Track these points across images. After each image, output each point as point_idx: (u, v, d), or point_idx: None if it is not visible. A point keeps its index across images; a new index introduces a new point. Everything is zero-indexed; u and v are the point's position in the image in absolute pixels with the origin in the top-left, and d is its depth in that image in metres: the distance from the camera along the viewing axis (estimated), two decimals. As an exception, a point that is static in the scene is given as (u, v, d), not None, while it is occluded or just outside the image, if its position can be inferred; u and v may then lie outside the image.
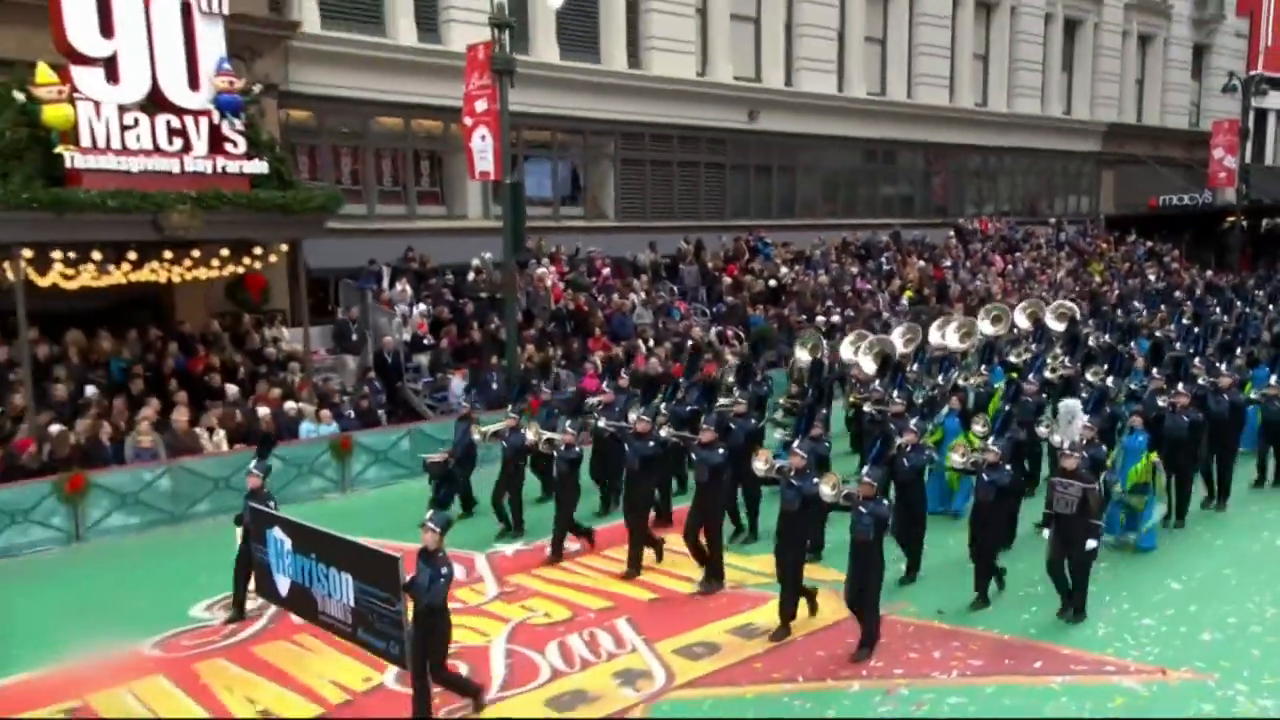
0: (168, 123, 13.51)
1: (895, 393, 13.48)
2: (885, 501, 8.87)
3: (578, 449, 11.78)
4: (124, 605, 10.41)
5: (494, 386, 17.13)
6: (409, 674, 7.55)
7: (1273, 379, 14.17)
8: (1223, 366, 14.18)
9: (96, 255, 13.87)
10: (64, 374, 14.59)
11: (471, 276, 20.85)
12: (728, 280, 24.44)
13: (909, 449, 10.82)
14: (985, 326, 19.41)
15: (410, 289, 19.66)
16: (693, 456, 11.19)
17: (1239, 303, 24.78)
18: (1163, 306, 24.81)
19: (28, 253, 13.05)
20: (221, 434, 14.12)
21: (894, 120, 31.24)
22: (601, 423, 12.79)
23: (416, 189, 22.42)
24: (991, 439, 10.58)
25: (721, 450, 10.56)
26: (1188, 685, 8.17)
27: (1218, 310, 23.17)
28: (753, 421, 12.94)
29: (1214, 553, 11.59)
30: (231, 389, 15.30)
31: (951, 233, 31.74)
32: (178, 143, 13.57)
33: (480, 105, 16.72)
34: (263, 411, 14.77)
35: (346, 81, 20.42)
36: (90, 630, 9.62)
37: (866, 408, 14.16)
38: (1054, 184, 37.42)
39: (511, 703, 8.03)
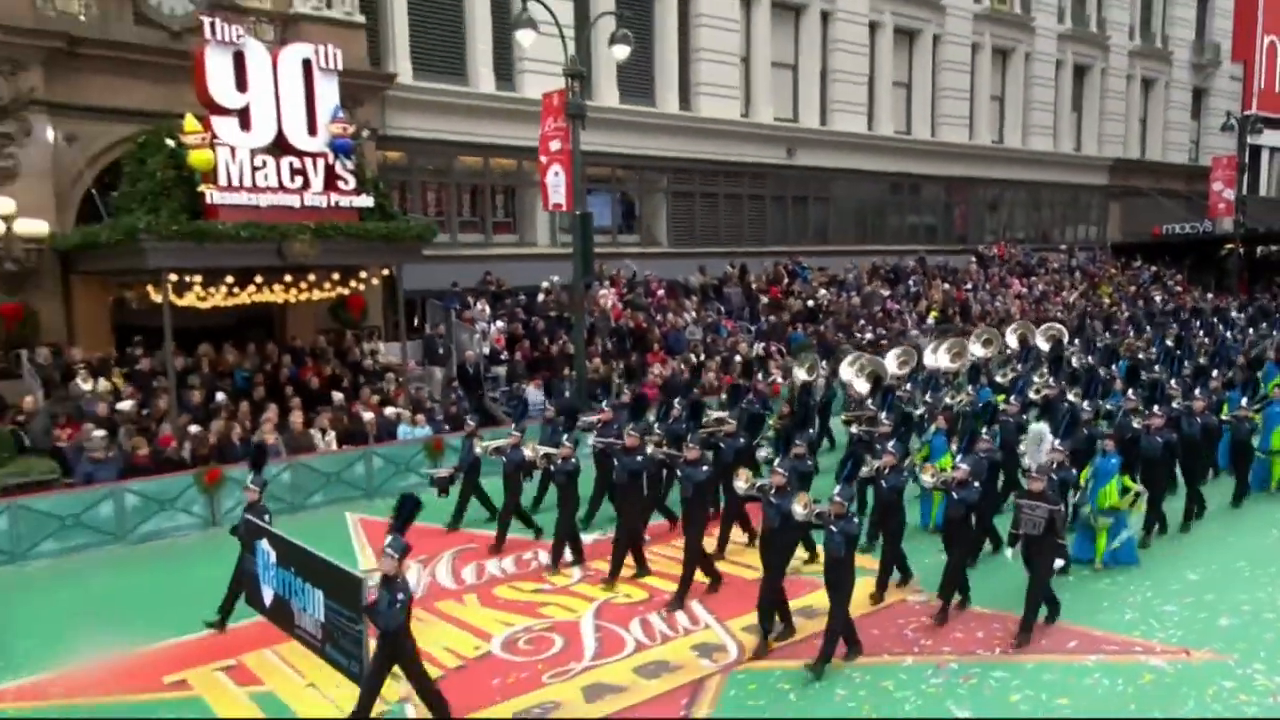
0: (290, 164, 14.07)
1: (885, 413, 13.07)
2: (856, 520, 8.42)
3: (574, 461, 11.22)
4: None
5: (565, 395, 17.65)
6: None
7: (1243, 400, 13.79)
8: (1197, 389, 13.65)
9: (229, 279, 14.61)
10: (198, 382, 15.30)
11: (541, 297, 21.42)
12: (764, 300, 24.88)
13: (887, 470, 10.05)
14: (976, 348, 18.76)
15: (488, 308, 20.27)
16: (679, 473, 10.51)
17: (1221, 326, 24.52)
18: (1148, 329, 24.67)
19: (173, 276, 13.80)
20: (331, 434, 14.77)
21: (918, 156, 31.52)
22: (591, 438, 12.28)
23: (493, 219, 23.01)
24: (959, 457, 10.10)
25: (705, 468, 10.20)
26: (1210, 664, 8.37)
27: (1201, 333, 22.87)
28: (740, 440, 12.28)
29: (1227, 547, 11.72)
30: (337, 396, 15.95)
31: (972, 258, 31.91)
32: (299, 181, 14.15)
33: (554, 145, 17.28)
34: (367, 416, 15.45)
35: (434, 125, 21.14)
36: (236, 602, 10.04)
37: (854, 428, 13.39)
38: (1065, 214, 37.43)
39: (605, 669, 8.40)
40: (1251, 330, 24.95)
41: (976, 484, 9.66)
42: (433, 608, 9.91)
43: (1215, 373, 15.73)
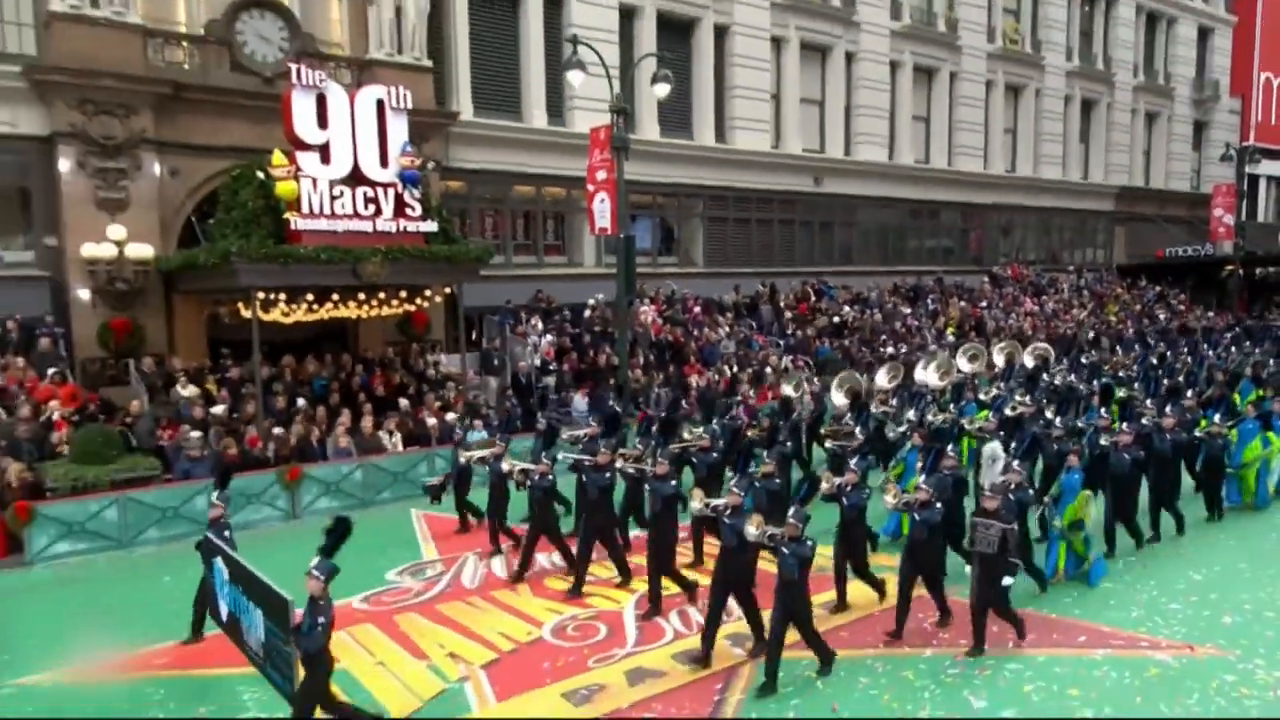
0: (364, 193, 14.29)
1: (859, 429, 12.45)
2: (809, 542, 7.66)
3: (551, 477, 10.48)
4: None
5: (609, 403, 17.68)
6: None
7: (1216, 418, 12.99)
8: (1168, 407, 12.82)
9: (309, 296, 14.85)
10: (281, 389, 15.52)
11: (588, 313, 21.49)
12: (789, 316, 24.76)
13: (848, 489, 9.29)
14: (963, 364, 17.97)
15: (540, 323, 20.39)
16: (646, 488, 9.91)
17: (1206, 345, 23.80)
18: (1136, 347, 23.92)
19: (260, 294, 14.08)
20: (398, 437, 14.94)
21: (936, 184, 31.22)
22: (560, 454, 11.28)
23: (544, 242, 23.16)
24: (923, 477, 9.34)
25: (674, 483, 9.59)
26: (1213, 660, 8.19)
27: (1185, 352, 22.14)
28: (714, 455, 11.73)
29: (1230, 549, 11.44)
30: (403, 402, 16.14)
31: (986, 278, 31.52)
32: (371, 208, 14.37)
33: (600, 174, 17.42)
34: (430, 421, 15.61)
35: (492, 158, 21.36)
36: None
37: (828, 444, 12.63)
38: (1073, 237, 36.82)
39: (646, 656, 8.39)
40: (1235, 349, 24.01)
41: (939, 504, 8.93)
42: (489, 596, 9.98)
43: (1191, 391, 14.98)
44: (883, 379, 16.77)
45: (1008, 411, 13.54)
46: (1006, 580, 8.28)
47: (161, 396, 15.07)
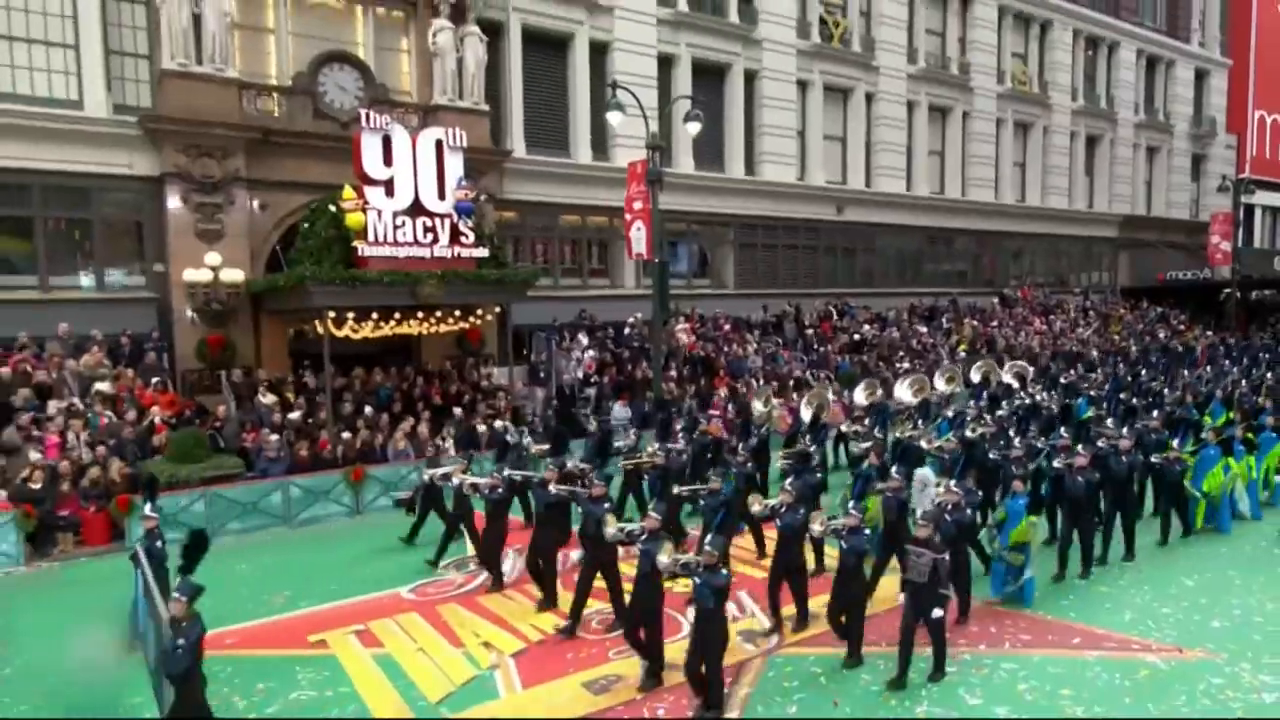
0: (423, 222, 14.36)
1: (814, 448, 11.56)
2: (724, 571, 6.90)
3: (500, 490, 9.88)
4: (390, 561, 11.04)
5: (645, 411, 17.53)
6: None
7: (1174, 442, 11.82)
8: (1125, 429, 11.77)
9: (374, 315, 14.93)
10: (350, 397, 15.67)
11: (627, 330, 21.38)
12: (812, 333, 24.35)
13: (783, 509, 8.40)
14: (940, 383, 16.73)
15: (584, 339, 20.33)
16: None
17: (1182, 367, 22.44)
18: (1120, 367, 22.51)
19: (331, 313, 14.20)
20: (450, 442, 14.91)
21: (951, 213, 30.54)
22: (506, 471, 10.24)
23: (589, 266, 23.10)
24: (852, 503, 8.63)
25: (606, 505, 8.65)
26: (1201, 662, 7.77)
27: (1160, 372, 20.79)
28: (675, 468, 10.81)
29: (1220, 557, 10.86)
30: (457, 410, 16.13)
31: (997, 299, 30.71)
32: (430, 236, 14.42)
33: (637, 204, 17.30)
34: (481, 428, 15.56)
35: (542, 190, 21.37)
36: (368, 578, 10.31)
37: (779, 462, 11.62)
38: (1079, 261, 35.67)
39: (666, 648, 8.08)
40: (1209, 367, 22.50)
41: (868, 530, 8.13)
42: (524, 589, 9.83)
43: (1157, 412, 13.71)
44: (860, 395, 15.73)
45: (967, 433, 12.32)
46: (936, 612, 7.25)
47: (247, 404, 15.27)
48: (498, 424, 15.39)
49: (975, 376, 17.33)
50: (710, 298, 24.78)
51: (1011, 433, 12.44)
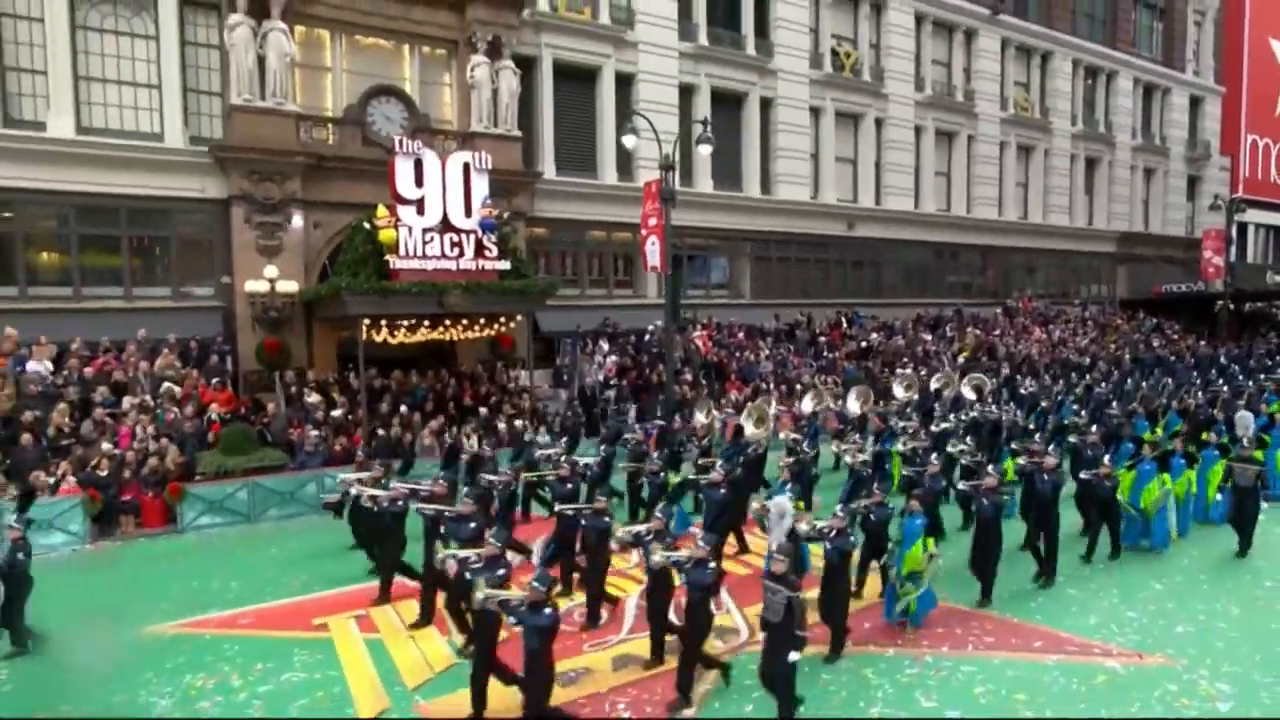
0: (450, 238, 14.09)
1: (725, 462, 10.53)
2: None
3: (401, 504, 8.87)
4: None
5: (658, 411, 17.07)
6: None
7: (1106, 458, 10.50)
8: (1052, 446, 10.69)
9: (407, 322, 14.75)
10: (388, 397, 15.56)
11: (647, 337, 20.97)
12: (823, 340, 23.59)
13: (648, 536, 7.45)
14: (898, 390, 15.44)
15: (606, 345, 19.96)
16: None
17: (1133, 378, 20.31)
18: (1088, 376, 20.56)
19: (367, 321, 14.05)
20: (475, 439, 14.64)
21: (956, 229, 29.42)
22: (415, 506, 8.67)
23: (615, 277, 22.77)
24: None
25: (473, 525, 7.77)
26: (1160, 669, 7.06)
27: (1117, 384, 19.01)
28: (569, 486, 9.83)
29: (1192, 562, 9.98)
30: (483, 410, 15.82)
31: (1000, 310, 29.46)
32: (456, 251, 14.17)
33: (651, 221, 16.84)
34: (501, 426, 15.27)
35: (570, 208, 21.09)
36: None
37: (696, 475, 10.75)
38: (1079, 275, 34.08)
39: (635, 644, 7.69)
40: (1171, 380, 20.06)
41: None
42: (518, 581, 9.39)
43: (1096, 427, 12.21)
44: (809, 405, 14.60)
45: (899, 447, 11.20)
46: (793, 655, 5.92)
47: (296, 402, 15.23)
48: (517, 423, 15.16)
49: (934, 385, 15.90)
50: (728, 307, 24.21)
51: (956, 447, 11.28)
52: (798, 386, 19.52)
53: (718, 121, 23.68)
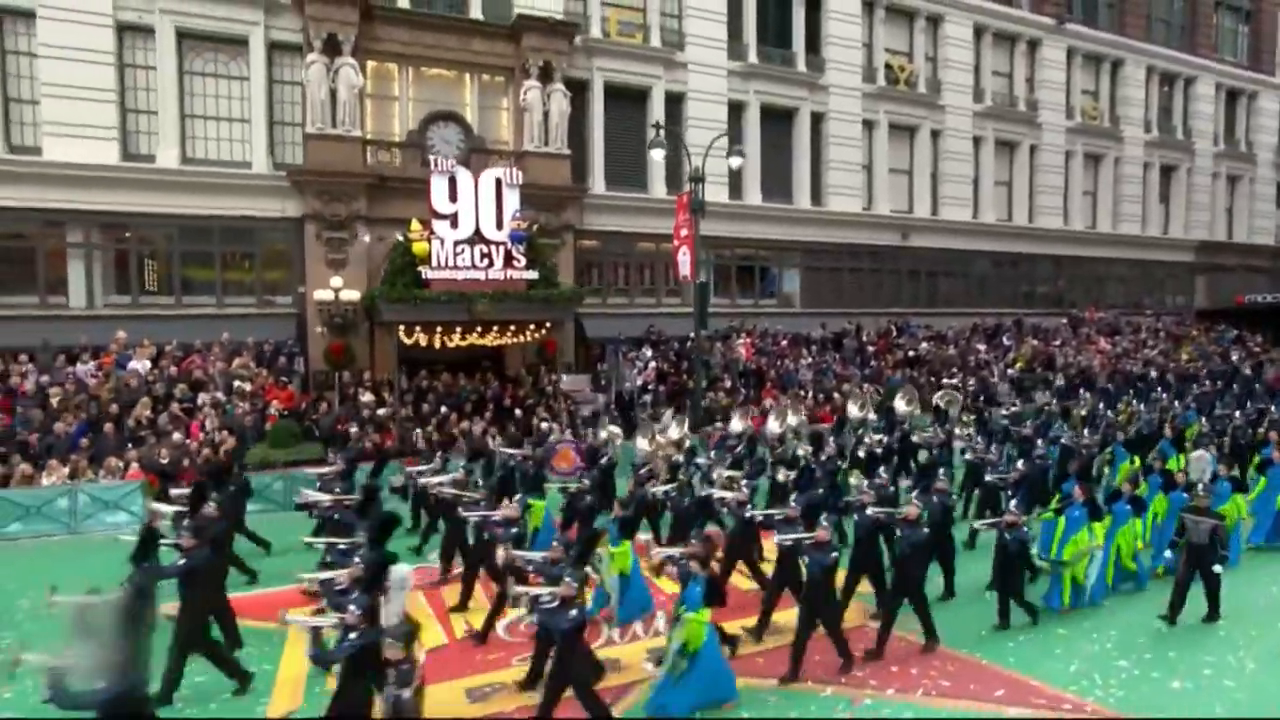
0: (480, 249, 13.75)
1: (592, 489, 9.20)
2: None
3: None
4: (398, 544, 9.93)
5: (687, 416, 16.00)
6: None
7: (1012, 504, 7.79)
8: (915, 493, 8.10)
9: (438, 329, 14.42)
10: (433, 398, 15.29)
11: (689, 344, 19.87)
12: (870, 350, 21.76)
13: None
14: (853, 409, 13.55)
15: (648, 351, 19.07)
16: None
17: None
18: (1100, 397, 16.92)
19: (402, 327, 13.80)
20: (500, 440, 14.06)
21: (1018, 238, 26.68)
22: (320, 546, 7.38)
23: (665, 286, 21.81)
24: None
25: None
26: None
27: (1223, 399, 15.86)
28: (483, 505, 8.41)
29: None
30: (518, 412, 15.19)
31: (1065, 319, 26.47)
32: (485, 261, 13.79)
33: (683, 231, 15.93)
34: (543, 425, 14.61)
35: (619, 221, 20.35)
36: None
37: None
38: (1152, 284, 30.24)
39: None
40: (1145, 404, 16.05)
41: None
42: (488, 586, 8.63)
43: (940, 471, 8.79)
44: (774, 424, 12.97)
45: (778, 477, 9.06)
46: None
47: (351, 401, 15.18)
48: (543, 425, 14.53)
49: (900, 405, 13.62)
50: (776, 316, 22.78)
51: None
52: (835, 394, 17.98)
53: (767, 136, 22.46)
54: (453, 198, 13.61)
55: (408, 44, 17.85)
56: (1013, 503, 7.56)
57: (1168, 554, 8.24)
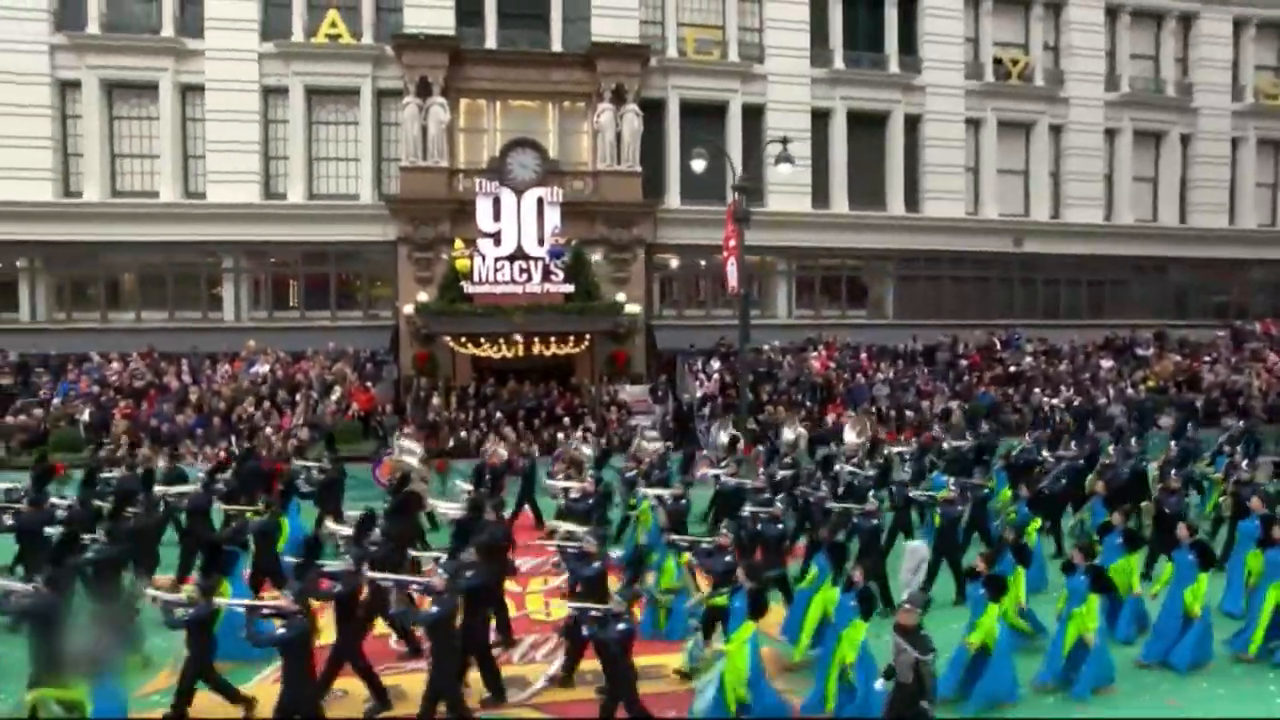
0: (519, 265, 13.66)
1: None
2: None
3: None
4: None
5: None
6: None
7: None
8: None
9: (482, 339, 14.41)
10: (493, 405, 15.25)
11: (763, 354, 18.42)
12: (964, 364, 18.86)
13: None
14: (850, 436, 11.96)
15: (715, 363, 17.89)
16: None
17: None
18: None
19: (448, 337, 13.95)
20: (535, 447, 13.67)
21: (1164, 240, 22.06)
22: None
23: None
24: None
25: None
26: None
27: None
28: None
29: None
30: (566, 420, 14.74)
31: (1222, 332, 21.38)
32: (524, 276, 13.63)
33: (731, 242, 14.73)
34: (576, 434, 14.14)
35: (695, 234, 19.27)
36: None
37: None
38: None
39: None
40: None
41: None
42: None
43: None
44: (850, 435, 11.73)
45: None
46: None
47: (424, 405, 15.61)
48: (576, 435, 13.96)
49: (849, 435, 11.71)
50: (864, 328, 20.52)
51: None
52: (909, 412, 15.72)
53: (855, 142, 20.41)
54: (496, 217, 13.57)
55: (494, 80, 18.34)
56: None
57: None
